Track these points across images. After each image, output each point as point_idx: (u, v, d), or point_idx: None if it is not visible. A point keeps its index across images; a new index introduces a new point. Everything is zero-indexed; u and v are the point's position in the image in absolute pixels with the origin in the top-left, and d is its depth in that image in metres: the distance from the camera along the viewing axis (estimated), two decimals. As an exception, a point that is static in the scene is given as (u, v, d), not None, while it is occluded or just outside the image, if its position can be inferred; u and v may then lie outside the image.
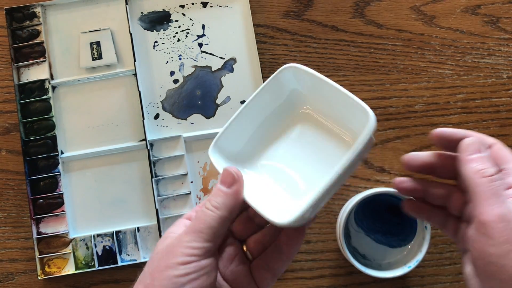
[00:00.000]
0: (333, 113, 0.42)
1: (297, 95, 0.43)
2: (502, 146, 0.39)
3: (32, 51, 0.63)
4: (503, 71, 0.64)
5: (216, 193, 0.38)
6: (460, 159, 0.37)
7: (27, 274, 0.61)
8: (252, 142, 0.43)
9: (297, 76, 0.41)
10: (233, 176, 0.38)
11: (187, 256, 0.36)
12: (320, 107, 0.42)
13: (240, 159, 0.42)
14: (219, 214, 0.37)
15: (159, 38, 0.64)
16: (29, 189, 0.61)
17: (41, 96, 0.63)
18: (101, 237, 0.61)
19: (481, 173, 0.36)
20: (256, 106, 0.41)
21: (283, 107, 0.43)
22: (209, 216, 0.37)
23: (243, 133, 0.42)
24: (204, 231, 0.36)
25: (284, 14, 0.65)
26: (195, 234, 0.36)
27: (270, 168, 0.43)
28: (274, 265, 0.41)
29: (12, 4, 0.64)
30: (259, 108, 0.42)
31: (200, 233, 0.36)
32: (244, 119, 0.41)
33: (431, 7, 0.65)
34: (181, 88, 0.64)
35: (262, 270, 0.41)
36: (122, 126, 0.63)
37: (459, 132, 0.40)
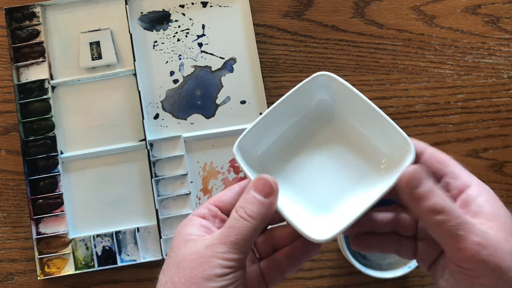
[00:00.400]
0: (361, 129, 0.41)
1: (327, 105, 0.41)
2: (437, 150, 0.37)
3: (32, 51, 0.63)
4: (503, 71, 0.64)
5: (251, 201, 0.36)
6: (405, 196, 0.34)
7: (26, 274, 0.61)
8: (276, 147, 0.41)
9: (328, 86, 0.40)
10: (271, 186, 0.36)
11: (225, 268, 0.34)
12: (348, 120, 0.41)
13: (263, 163, 0.41)
14: (254, 224, 0.35)
15: (159, 38, 0.64)
16: (29, 189, 0.61)
17: (40, 96, 0.62)
18: (100, 237, 0.61)
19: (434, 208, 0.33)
20: (283, 110, 0.40)
21: (311, 116, 0.42)
22: (245, 227, 0.35)
23: (268, 136, 0.41)
24: (240, 242, 0.35)
25: (284, 14, 0.65)
26: (231, 245, 0.35)
27: (293, 176, 0.41)
28: (286, 268, 0.40)
29: (11, 4, 0.64)
30: (285, 113, 0.40)
31: (236, 244, 0.35)
32: (270, 122, 0.40)
33: (431, 7, 0.65)
34: (181, 88, 0.63)
35: (274, 272, 0.40)
36: (122, 126, 0.63)
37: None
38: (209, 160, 0.62)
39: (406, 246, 0.39)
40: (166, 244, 0.60)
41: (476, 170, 0.63)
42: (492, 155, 0.63)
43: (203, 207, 0.39)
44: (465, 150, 0.63)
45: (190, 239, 0.36)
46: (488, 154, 0.63)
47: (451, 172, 0.36)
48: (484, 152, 0.63)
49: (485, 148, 0.63)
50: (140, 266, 0.61)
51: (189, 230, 0.37)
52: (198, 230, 0.37)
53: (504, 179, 0.63)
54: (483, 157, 0.63)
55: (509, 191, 0.63)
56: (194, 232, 0.37)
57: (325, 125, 0.42)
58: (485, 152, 0.63)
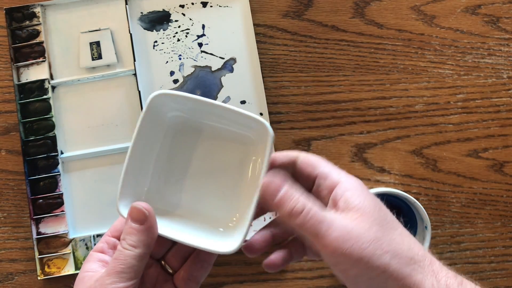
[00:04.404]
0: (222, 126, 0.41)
1: (180, 118, 0.41)
2: (307, 155, 0.39)
3: (32, 51, 0.63)
4: (503, 71, 0.64)
5: (130, 231, 0.38)
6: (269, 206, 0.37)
7: (26, 274, 0.61)
8: (156, 182, 0.42)
9: (169, 102, 0.40)
10: (143, 213, 0.38)
11: None
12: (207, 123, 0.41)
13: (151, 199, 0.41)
14: (137, 252, 0.37)
15: (159, 38, 0.64)
16: (29, 189, 0.61)
17: (40, 96, 0.62)
18: (100, 237, 0.61)
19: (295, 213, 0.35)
20: (142, 143, 0.40)
21: (171, 135, 0.42)
22: (128, 256, 0.37)
23: (142, 179, 0.41)
24: (126, 271, 0.37)
25: (284, 14, 0.65)
26: (117, 274, 0.36)
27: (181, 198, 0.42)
28: (197, 274, 0.41)
29: (11, 4, 0.64)
30: (146, 144, 0.40)
31: (122, 273, 0.37)
32: (137, 161, 0.40)
33: (431, 7, 0.65)
34: (181, 88, 0.63)
35: (187, 281, 0.41)
36: (122, 126, 0.63)
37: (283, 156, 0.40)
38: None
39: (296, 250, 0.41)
40: (166, 244, 0.60)
41: (476, 170, 0.63)
42: (492, 155, 0.63)
43: (101, 241, 0.41)
44: (465, 150, 0.63)
45: (86, 275, 0.38)
46: (488, 154, 0.63)
47: (321, 173, 0.38)
48: (484, 152, 0.63)
49: (485, 148, 0.63)
50: (140, 266, 0.61)
51: (87, 267, 0.39)
52: (96, 266, 0.39)
53: (504, 179, 0.63)
54: (483, 157, 0.63)
55: (509, 191, 0.63)
56: (91, 268, 0.39)
57: (192, 136, 0.42)
58: (485, 152, 0.63)
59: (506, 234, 0.62)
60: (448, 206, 0.62)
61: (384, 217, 0.36)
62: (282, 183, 0.36)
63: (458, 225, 0.62)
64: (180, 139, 0.42)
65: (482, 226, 0.62)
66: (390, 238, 0.35)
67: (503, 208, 0.62)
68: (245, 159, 0.41)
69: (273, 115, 0.63)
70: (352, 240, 0.34)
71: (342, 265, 0.35)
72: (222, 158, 0.42)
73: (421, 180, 0.62)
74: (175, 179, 0.42)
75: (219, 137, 0.42)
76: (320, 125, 0.63)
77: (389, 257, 0.34)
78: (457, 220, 0.62)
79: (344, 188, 0.37)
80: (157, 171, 0.42)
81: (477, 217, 0.62)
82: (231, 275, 0.62)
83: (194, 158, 0.42)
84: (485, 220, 0.62)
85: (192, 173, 0.42)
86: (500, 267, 0.62)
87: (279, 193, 0.36)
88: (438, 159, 0.62)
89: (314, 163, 0.39)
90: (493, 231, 0.62)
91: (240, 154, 0.41)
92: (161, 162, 0.42)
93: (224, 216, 0.41)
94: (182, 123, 0.41)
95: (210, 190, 0.42)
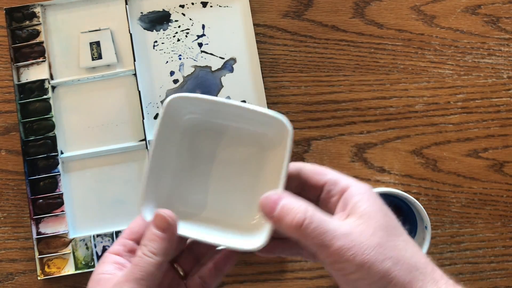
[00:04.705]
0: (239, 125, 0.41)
1: (197, 120, 0.42)
2: (312, 165, 0.40)
3: (32, 51, 0.63)
4: (503, 71, 0.64)
5: (152, 238, 0.38)
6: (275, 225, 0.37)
7: (26, 274, 0.61)
8: (177, 184, 0.42)
9: (186, 105, 0.40)
10: (167, 220, 0.38)
11: None
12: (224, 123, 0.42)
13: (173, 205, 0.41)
14: (158, 260, 0.37)
15: (159, 38, 0.64)
16: (29, 189, 0.61)
17: (40, 96, 0.62)
18: (101, 237, 0.61)
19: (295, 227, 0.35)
20: (161, 147, 0.40)
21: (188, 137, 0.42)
22: (148, 263, 0.37)
23: (163, 179, 0.41)
24: (145, 278, 0.36)
25: (284, 14, 0.65)
26: (136, 281, 0.36)
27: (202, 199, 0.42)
28: (211, 281, 0.42)
29: (11, 4, 0.64)
30: (165, 147, 0.41)
31: (141, 280, 0.36)
32: (158, 165, 0.40)
33: (431, 7, 0.65)
34: (181, 88, 0.63)
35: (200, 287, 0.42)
36: (122, 126, 0.63)
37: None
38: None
39: (306, 250, 0.40)
40: (166, 244, 0.60)
41: (476, 170, 0.63)
42: (492, 155, 0.63)
43: (117, 243, 0.40)
44: (465, 150, 0.63)
45: (102, 278, 0.38)
46: (488, 154, 0.63)
47: (330, 179, 0.38)
48: (484, 152, 0.63)
49: (485, 148, 0.63)
50: (140, 266, 0.61)
51: (102, 269, 0.39)
52: (112, 268, 0.39)
53: (504, 179, 0.63)
54: (483, 157, 0.63)
55: (509, 191, 0.63)
56: (107, 271, 0.39)
57: (209, 137, 0.42)
58: (485, 152, 0.63)
59: (506, 234, 0.62)
60: (448, 206, 0.62)
61: (389, 223, 0.36)
62: (280, 197, 0.36)
63: (458, 225, 0.62)
64: (198, 141, 0.42)
65: (482, 226, 0.62)
66: (393, 244, 0.35)
67: (503, 208, 0.62)
68: (265, 156, 0.41)
69: (273, 115, 0.63)
70: (354, 248, 0.34)
71: (344, 270, 0.35)
72: (242, 157, 0.42)
73: (421, 180, 0.62)
74: (195, 181, 0.42)
75: (237, 136, 0.42)
76: (320, 125, 0.63)
77: (391, 263, 0.35)
78: (457, 220, 0.62)
79: (354, 193, 0.37)
80: (177, 174, 0.42)
81: (477, 217, 0.62)
82: (231, 275, 0.62)
83: (213, 158, 0.42)
84: (485, 220, 0.62)
85: (211, 173, 0.42)
86: (500, 267, 0.62)
87: (278, 206, 0.36)
88: (438, 159, 0.62)
89: (322, 171, 0.39)
90: (493, 231, 0.62)
91: (259, 152, 0.41)
92: (180, 165, 0.42)
93: (245, 214, 0.41)
94: (199, 125, 0.42)
95: (230, 189, 0.42)
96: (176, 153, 0.42)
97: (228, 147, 0.42)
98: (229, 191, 0.42)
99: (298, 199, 0.36)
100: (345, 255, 0.34)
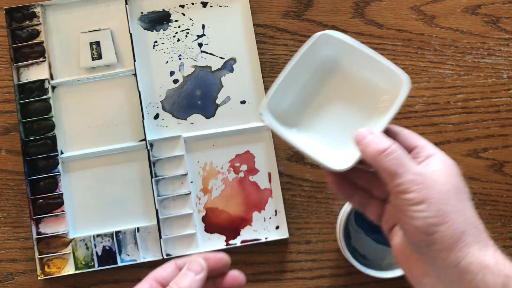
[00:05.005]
0: (363, 73, 0.46)
1: (331, 58, 0.47)
2: (409, 131, 0.44)
3: (32, 51, 0.63)
4: (503, 71, 0.64)
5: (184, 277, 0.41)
6: (361, 152, 0.41)
7: (26, 274, 0.61)
8: (295, 102, 0.47)
9: (330, 42, 0.46)
10: (201, 265, 0.41)
11: None
12: (352, 68, 0.47)
13: (286, 117, 0.47)
14: None
15: (159, 38, 0.64)
16: (29, 189, 0.61)
17: (40, 96, 0.62)
18: (101, 237, 0.61)
19: (378, 151, 0.39)
20: (295, 71, 0.46)
21: (319, 69, 0.47)
22: None
23: (286, 95, 0.47)
24: None
25: (284, 14, 0.65)
26: None
27: (313, 123, 0.47)
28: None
29: (12, 4, 0.64)
30: (297, 72, 0.46)
31: None
32: (286, 83, 0.46)
33: (431, 7, 0.65)
34: (181, 88, 0.63)
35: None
36: (122, 126, 0.63)
37: None
38: (209, 160, 0.62)
39: (373, 206, 0.44)
40: (166, 244, 0.60)
41: (476, 170, 0.63)
42: (492, 155, 0.63)
43: (146, 281, 0.43)
44: (465, 150, 0.63)
45: None
46: (488, 154, 0.63)
47: (421, 145, 0.42)
48: (484, 152, 0.63)
49: (485, 148, 0.63)
50: (140, 266, 0.61)
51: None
52: None
53: (504, 179, 0.63)
54: (483, 157, 0.63)
55: (509, 191, 0.63)
56: None
57: (334, 74, 0.47)
58: (485, 152, 0.63)
59: (506, 234, 0.62)
60: (448, 206, 0.62)
61: (460, 187, 0.40)
62: (374, 131, 0.41)
63: (458, 225, 0.62)
64: (325, 74, 0.47)
65: (482, 226, 0.62)
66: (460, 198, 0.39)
67: (503, 208, 0.62)
68: (375, 104, 0.46)
69: (273, 115, 0.63)
70: (425, 184, 0.38)
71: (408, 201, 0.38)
72: (355, 98, 0.47)
73: (421, 180, 0.62)
74: (311, 107, 0.47)
75: (359, 80, 0.47)
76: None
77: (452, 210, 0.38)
78: (457, 220, 0.62)
79: (438, 158, 0.41)
80: (299, 94, 0.47)
81: (477, 217, 0.62)
82: (231, 275, 0.62)
83: (332, 92, 0.47)
84: (485, 220, 0.61)
85: (326, 105, 0.47)
86: (500, 267, 0.62)
87: (369, 135, 0.41)
88: (438, 159, 0.62)
89: (416, 136, 0.43)
90: (493, 231, 0.62)
91: (371, 99, 0.46)
92: (304, 89, 0.47)
93: (343, 143, 0.46)
94: (331, 62, 0.47)
95: (338, 120, 0.47)
96: (305, 81, 0.47)
97: (346, 87, 0.47)
98: (337, 121, 0.47)
99: (388, 138, 0.40)
100: (413, 187, 0.38)
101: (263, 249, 0.61)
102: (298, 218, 0.62)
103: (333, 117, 0.47)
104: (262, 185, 0.62)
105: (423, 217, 0.38)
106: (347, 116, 0.47)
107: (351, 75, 0.47)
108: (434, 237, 0.38)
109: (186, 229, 0.61)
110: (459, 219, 0.38)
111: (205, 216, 0.62)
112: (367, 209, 0.45)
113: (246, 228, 0.61)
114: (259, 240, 0.61)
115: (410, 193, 0.38)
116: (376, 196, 0.45)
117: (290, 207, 0.62)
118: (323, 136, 0.47)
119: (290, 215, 0.62)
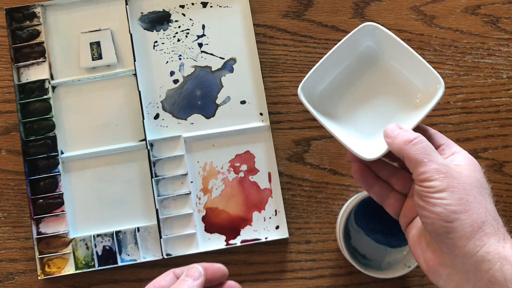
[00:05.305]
0: (400, 69, 0.48)
1: (371, 49, 0.49)
2: (435, 130, 0.46)
3: (32, 51, 0.63)
4: (503, 71, 0.64)
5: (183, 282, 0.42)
6: (388, 145, 0.43)
7: (27, 274, 0.61)
8: (331, 87, 0.49)
9: (373, 34, 0.47)
10: (200, 272, 0.42)
11: None
12: (390, 62, 0.48)
13: (321, 100, 0.48)
14: None
15: (159, 38, 0.64)
16: (29, 189, 0.61)
17: (41, 96, 0.63)
18: (101, 237, 0.61)
19: (405, 141, 0.41)
20: (335, 57, 0.47)
21: (358, 59, 0.49)
22: None
23: (324, 79, 0.48)
24: None
25: (284, 14, 0.65)
26: None
27: (346, 110, 0.49)
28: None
29: (12, 4, 0.64)
30: (338, 59, 0.48)
31: None
32: (325, 67, 0.48)
33: (431, 7, 0.65)
34: (181, 88, 0.64)
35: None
36: (122, 126, 0.63)
37: None
38: (209, 160, 0.62)
39: (393, 199, 0.46)
40: (166, 244, 0.60)
41: (476, 170, 0.63)
42: (492, 155, 0.63)
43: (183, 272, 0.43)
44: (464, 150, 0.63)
45: None
46: (488, 154, 0.63)
47: (447, 143, 0.44)
48: (483, 152, 0.63)
49: (485, 148, 0.63)
50: (140, 266, 0.61)
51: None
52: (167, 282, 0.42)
53: (504, 179, 0.63)
54: (483, 157, 0.63)
55: (509, 191, 0.63)
56: None
57: (370, 66, 0.49)
58: (485, 152, 0.63)
59: (506, 234, 0.62)
60: (448, 206, 0.62)
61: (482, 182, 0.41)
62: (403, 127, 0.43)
63: (458, 225, 0.62)
64: (362, 65, 0.49)
65: (482, 226, 0.62)
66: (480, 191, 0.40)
67: (503, 208, 0.62)
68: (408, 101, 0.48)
69: (273, 115, 0.63)
70: (448, 174, 0.39)
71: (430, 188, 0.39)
72: (389, 93, 0.49)
73: (421, 180, 0.62)
74: (346, 94, 0.49)
75: (396, 75, 0.48)
76: (320, 125, 0.63)
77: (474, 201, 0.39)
78: (457, 220, 0.62)
79: (463, 156, 0.43)
80: (335, 80, 0.49)
81: (477, 217, 0.62)
82: (231, 275, 0.61)
83: (368, 83, 0.49)
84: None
85: (360, 95, 0.49)
86: (500, 267, 0.62)
87: (398, 130, 0.43)
88: (438, 159, 0.62)
89: (443, 136, 0.45)
90: (493, 231, 0.62)
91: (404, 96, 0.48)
92: (341, 75, 0.49)
93: (373, 134, 0.47)
94: (371, 53, 0.49)
95: (371, 110, 0.49)
96: (344, 68, 0.49)
97: (382, 80, 0.49)
98: (369, 110, 0.49)
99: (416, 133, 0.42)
100: (436, 176, 0.39)
101: (263, 249, 0.62)
102: (298, 218, 0.62)
103: (366, 107, 0.49)
104: (262, 185, 0.62)
105: (444, 204, 0.38)
106: (380, 107, 0.49)
107: (389, 69, 0.48)
108: (454, 224, 0.38)
109: (186, 229, 0.61)
110: (479, 209, 0.39)
111: (205, 216, 0.62)
112: (386, 201, 0.46)
113: (246, 228, 0.61)
114: (259, 240, 0.61)
115: (433, 181, 0.39)
116: (396, 190, 0.45)
117: (290, 207, 0.62)
118: (354, 124, 0.48)
119: (290, 215, 0.62)
